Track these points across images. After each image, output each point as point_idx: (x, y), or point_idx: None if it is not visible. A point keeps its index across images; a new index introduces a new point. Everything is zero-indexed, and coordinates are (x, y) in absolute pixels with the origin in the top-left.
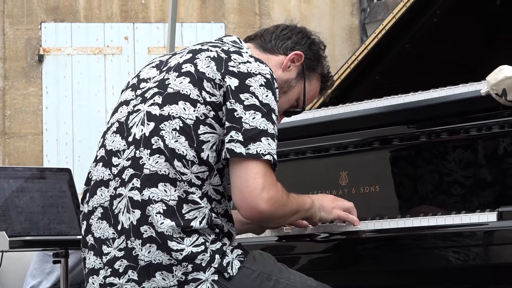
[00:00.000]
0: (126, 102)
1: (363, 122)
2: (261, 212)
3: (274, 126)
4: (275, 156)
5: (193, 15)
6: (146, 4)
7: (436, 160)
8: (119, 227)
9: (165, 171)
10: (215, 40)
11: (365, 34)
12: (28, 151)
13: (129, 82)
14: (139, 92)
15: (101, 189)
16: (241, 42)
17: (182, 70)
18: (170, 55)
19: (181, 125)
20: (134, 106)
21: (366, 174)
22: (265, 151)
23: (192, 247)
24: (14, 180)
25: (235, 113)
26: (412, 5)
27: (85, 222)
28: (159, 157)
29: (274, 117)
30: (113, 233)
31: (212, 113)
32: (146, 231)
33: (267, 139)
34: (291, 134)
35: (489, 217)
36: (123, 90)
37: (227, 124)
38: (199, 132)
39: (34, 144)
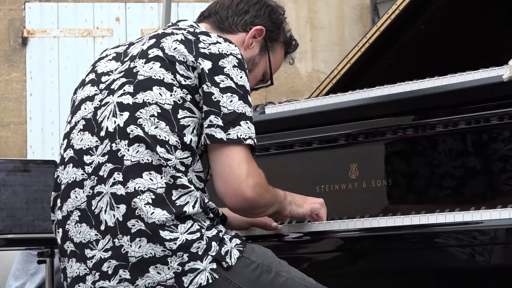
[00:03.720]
0: (90, 98)
1: (375, 110)
2: (247, 199)
3: (250, 109)
4: (255, 140)
5: None
6: None
7: (453, 151)
8: (102, 227)
9: (148, 159)
10: (172, 24)
11: (377, 15)
12: (10, 142)
13: (84, 79)
14: (102, 86)
15: (75, 191)
16: (198, 26)
17: (149, 56)
18: (127, 45)
19: (159, 110)
20: (101, 101)
21: (378, 167)
22: (246, 135)
23: (187, 234)
24: None
25: (213, 97)
26: None
27: (60, 230)
28: (139, 145)
29: (250, 99)
30: (95, 234)
31: (189, 96)
32: (134, 225)
33: (247, 123)
34: (296, 123)
35: (511, 213)
36: (77, 89)
37: (205, 108)
38: (179, 116)
39: (17, 134)
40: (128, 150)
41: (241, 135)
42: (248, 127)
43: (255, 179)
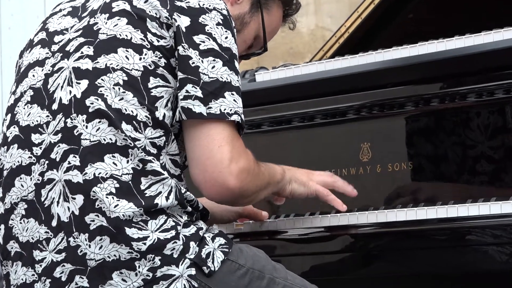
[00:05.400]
0: (39, 63)
1: (392, 77)
2: (231, 189)
3: (238, 77)
4: (243, 116)
5: None
6: None
7: (489, 127)
8: (53, 223)
9: (110, 139)
10: None
11: None
12: None
13: (32, 40)
14: (55, 47)
15: (21, 178)
16: None
17: (114, 10)
18: None
19: (125, 78)
20: (53, 66)
21: (395, 147)
22: (231, 110)
23: (159, 232)
24: None
25: (190, 61)
26: None
27: (2, 226)
28: (100, 122)
29: (236, 65)
30: (46, 232)
31: (163, 60)
32: (93, 221)
33: (232, 94)
34: (295, 92)
35: None
36: (23, 51)
37: (180, 75)
38: (150, 85)
39: None
40: (86, 127)
41: (225, 109)
42: (234, 100)
43: (240, 164)
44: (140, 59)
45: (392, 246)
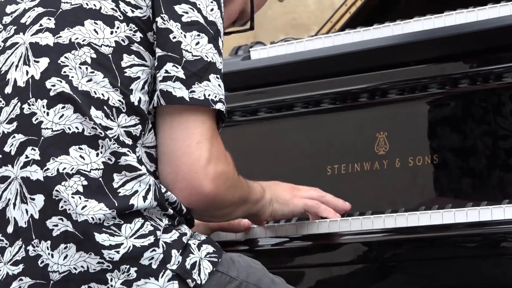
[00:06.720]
0: None
1: (413, 53)
2: (205, 195)
3: (221, 59)
4: (225, 106)
5: None
6: None
7: None
8: (9, 229)
9: (77, 128)
10: None
11: None
12: None
13: None
14: (8, 19)
15: None
16: None
17: None
18: None
19: (94, 55)
20: (5, 41)
21: (417, 138)
22: (215, 96)
23: (135, 238)
24: None
25: (171, 36)
26: None
27: None
28: (63, 107)
29: (220, 44)
30: (0, 240)
31: (138, 34)
32: (56, 226)
33: (217, 78)
34: (298, 72)
35: None
36: None
37: (159, 52)
38: (123, 64)
39: None
40: (47, 114)
41: (209, 94)
42: (218, 85)
43: (219, 167)
44: (112, 33)
45: (413, 255)
